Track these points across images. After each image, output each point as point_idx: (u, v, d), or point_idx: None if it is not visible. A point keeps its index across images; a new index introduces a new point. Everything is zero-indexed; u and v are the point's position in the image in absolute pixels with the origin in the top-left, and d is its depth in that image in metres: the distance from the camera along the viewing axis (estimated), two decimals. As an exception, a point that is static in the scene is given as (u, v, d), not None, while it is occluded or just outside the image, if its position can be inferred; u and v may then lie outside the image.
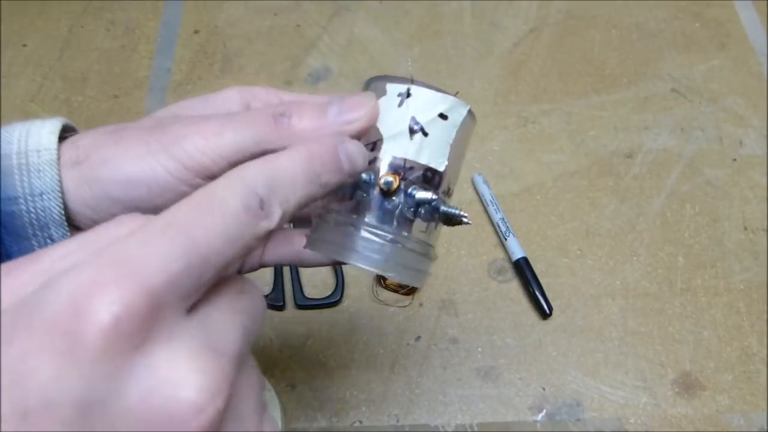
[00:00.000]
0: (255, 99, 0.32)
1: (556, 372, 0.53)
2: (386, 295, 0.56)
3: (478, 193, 0.62)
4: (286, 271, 0.58)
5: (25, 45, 0.72)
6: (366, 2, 0.76)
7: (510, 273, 0.58)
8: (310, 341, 0.54)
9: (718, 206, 0.62)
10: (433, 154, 0.30)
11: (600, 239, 0.60)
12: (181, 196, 0.25)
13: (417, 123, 0.29)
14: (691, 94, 0.69)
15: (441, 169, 0.30)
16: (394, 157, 0.29)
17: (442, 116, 0.30)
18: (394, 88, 0.30)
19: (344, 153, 0.27)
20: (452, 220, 0.31)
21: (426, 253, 0.30)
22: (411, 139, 0.29)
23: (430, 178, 0.30)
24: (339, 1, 0.76)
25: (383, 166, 0.30)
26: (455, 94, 0.31)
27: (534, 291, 0.56)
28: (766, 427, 0.51)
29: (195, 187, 0.26)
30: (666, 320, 0.55)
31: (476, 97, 0.68)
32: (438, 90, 0.30)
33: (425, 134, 0.29)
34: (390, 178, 0.29)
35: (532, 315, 0.56)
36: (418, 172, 0.30)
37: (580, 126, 0.67)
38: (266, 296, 0.56)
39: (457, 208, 0.31)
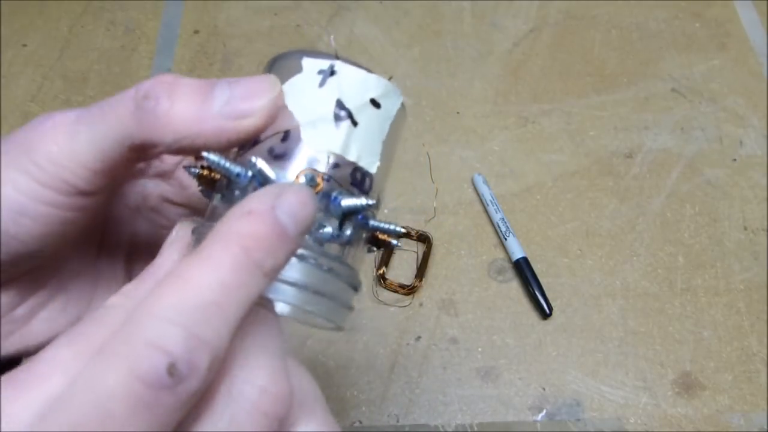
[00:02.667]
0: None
1: (556, 372, 0.53)
2: (386, 295, 0.56)
3: (478, 193, 0.62)
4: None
5: (25, 45, 0.72)
6: (366, 2, 0.76)
7: (510, 273, 0.58)
8: (310, 341, 0.54)
9: (718, 206, 0.62)
10: (363, 150, 0.23)
11: (600, 239, 0.60)
12: (46, 219, 0.22)
13: (344, 108, 0.23)
14: (691, 94, 0.69)
15: (372, 170, 0.24)
16: (316, 151, 0.22)
17: (374, 103, 0.23)
18: (312, 64, 0.23)
19: (285, 214, 0.19)
20: (379, 241, 0.24)
21: (351, 280, 0.23)
22: (336, 127, 0.23)
23: (359, 181, 0.23)
24: (339, 1, 0.76)
25: (299, 162, 0.22)
26: (389, 79, 0.24)
27: (534, 291, 0.56)
28: (766, 427, 0.51)
29: (62, 208, 0.22)
30: (666, 320, 0.56)
31: (476, 97, 0.68)
32: (367, 71, 0.24)
33: (354, 123, 0.23)
34: (311, 173, 0.22)
35: (532, 315, 0.56)
36: (345, 171, 0.23)
37: (580, 126, 0.67)
38: (266, 296, 0.56)
39: (391, 223, 0.24)
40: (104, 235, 0.28)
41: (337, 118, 0.22)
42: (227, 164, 0.22)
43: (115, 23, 0.74)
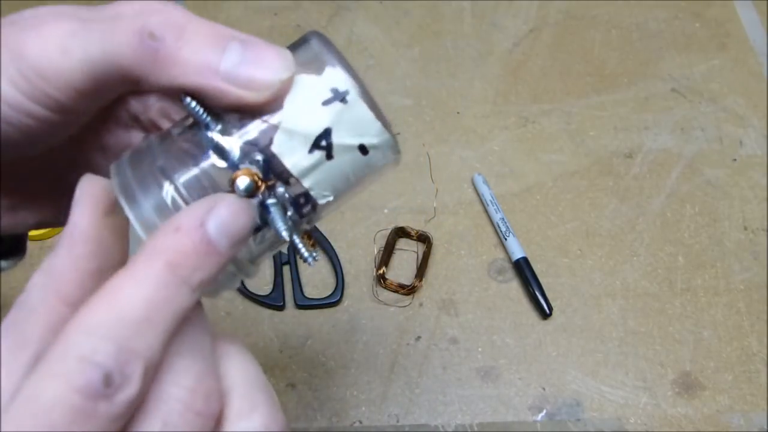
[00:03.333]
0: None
1: (556, 372, 0.53)
2: (386, 295, 0.56)
3: (478, 193, 0.62)
4: (286, 270, 0.58)
5: (25, 45, 0.72)
6: (366, 2, 0.76)
7: (510, 273, 0.58)
8: (310, 341, 0.54)
9: (718, 206, 0.62)
10: (323, 184, 0.22)
11: (600, 239, 0.60)
12: (27, 129, 0.22)
13: (328, 139, 0.22)
14: (691, 94, 0.69)
15: (320, 202, 0.23)
16: (277, 154, 0.22)
17: (363, 149, 0.22)
18: (333, 77, 0.22)
19: (216, 229, 0.19)
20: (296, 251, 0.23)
21: (247, 273, 0.23)
22: (308, 152, 0.22)
23: (300, 204, 0.23)
24: (339, 1, 0.76)
25: (250, 153, 0.22)
26: (396, 134, 0.23)
27: (534, 291, 0.56)
28: (766, 427, 0.51)
29: (43, 121, 0.22)
30: (666, 320, 0.56)
31: (476, 97, 0.68)
32: (380, 115, 0.23)
33: (329, 157, 0.22)
34: (249, 181, 0.21)
35: (532, 315, 0.56)
36: (294, 189, 0.22)
37: (580, 126, 0.67)
38: (266, 296, 0.56)
39: (309, 250, 0.23)
40: (77, 147, 0.27)
41: (315, 145, 0.22)
42: (203, 115, 0.22)
43: (115, 23, 0.74)
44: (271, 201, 0.22)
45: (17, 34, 0.21)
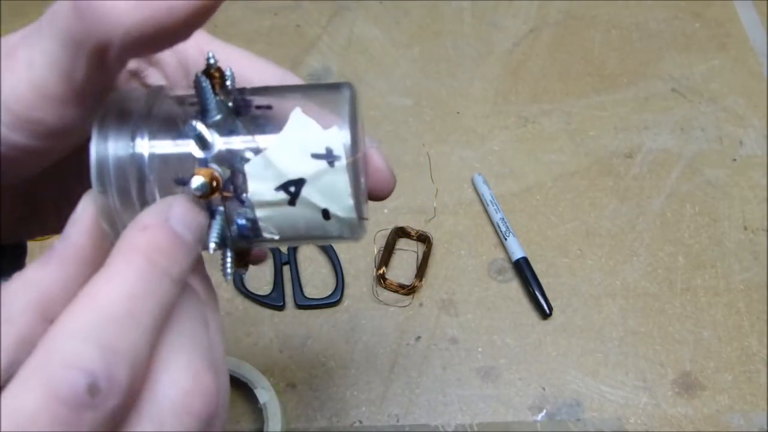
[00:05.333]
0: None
1: (556, 372, 0.53)
2: (386, 295, 0.56)
3: (478, 193, 0.62)
4: (286, 270, 0.58)
5: (25, 45, 0.72)
6: (366, 2, 0.76)
7: (510, 273, 0.58)
8: (310, 341, 0.54)
9: (718, 206, 0.62)
10: (272, 221, 0.22)
11: (600, 239, 0.60)
12: (20, 164, 0.21)
13: (299, 188, 0.21)
14: (691, 94, 0.69)
15: (265, 236, 0.23)
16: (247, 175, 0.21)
17: (326, 215, 0.22)
18: (334, 136, 0.21)
19: (179, 224, 0.20)
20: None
21: None
22: (276, 189, 0.21)
23: (247, 228, 0.22)
24: (339, 1, 0.76)
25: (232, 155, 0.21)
26: (364, 219, 0.23)
27: (534, 291, 0.56)
28: (766, 427, 0.51)
29: (37, 151, 0.21)
30: (666, 320, 0.56)
31: (476, 97, 0.68)
32: (360, 193, 0.22)
33: (291, 203, 0.22)
34: (204, 182, 0.20)
35: (532, 315, 0.56)
36: (243, 210, 0.22)
37: (580, 126, 0.67)
38: (266, 296, 0.56)
39: (232, 268, 0.23)
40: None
41: (284, 186, 0.21)
42: (210, 94, 0.21)
43: (115, 23, 0.74)
44: (219, 209, 0.22)
45: None
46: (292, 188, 0.21)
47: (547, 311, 0.55)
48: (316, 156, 0.21)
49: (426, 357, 0.54)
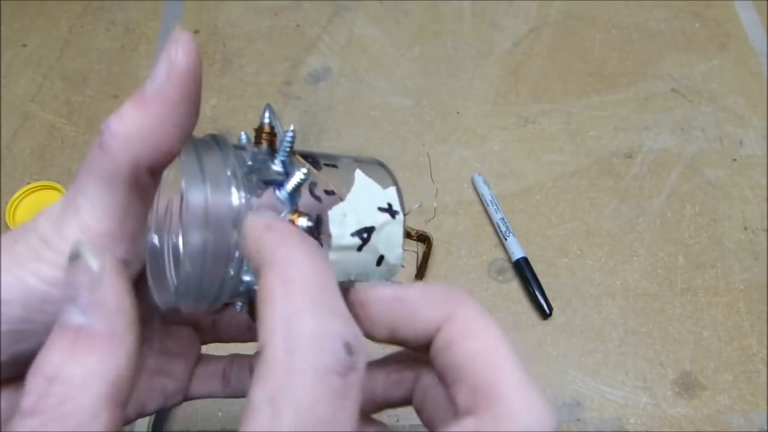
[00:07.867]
0: None
1: (556, 372, 0.53)
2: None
3: (478, 193, 0.62)
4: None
5: (25, 45, 0.72)
6: (366, 2, 0.76)
7: (510, 273, 0.58)
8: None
9: (718, 206, 0.62)
10: (341, 266, 0.24)
11: (600, 239, 0.60)
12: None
13: (369, 236, 0.24)
14: (691, 94, 0.69)
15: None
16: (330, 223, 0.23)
17: (379, 260, 0.25)
18: (392, 194, 0.25)
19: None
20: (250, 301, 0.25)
21: None
22: (352, 234, 0.24)
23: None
24: (339, 1, 0.76)
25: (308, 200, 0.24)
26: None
27: (534, 291, 0.56)
28: (766, 427, 0.51)
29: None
30: (666, 320, 0.55)
31: (476, 97, 0.68)
32: (405, 236, 0.25)
33: (359, 249, 0.24)
34: (310, 223, 0.22)
35: (532, 315, 0.56)
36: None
37: (580, 126, 0.67)
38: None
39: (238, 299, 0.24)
40: None
41: (359, 233, 0.24)
42: (282, 130, 0.22)
43: (115, 23, 0.74)
44: None
45: (27, 225, 0.22)
46: (365, 235, 0.24)
47: (547, 311, 0.55)
48: (381, 209, 0.24)
49: (426, 357, 0.54)
